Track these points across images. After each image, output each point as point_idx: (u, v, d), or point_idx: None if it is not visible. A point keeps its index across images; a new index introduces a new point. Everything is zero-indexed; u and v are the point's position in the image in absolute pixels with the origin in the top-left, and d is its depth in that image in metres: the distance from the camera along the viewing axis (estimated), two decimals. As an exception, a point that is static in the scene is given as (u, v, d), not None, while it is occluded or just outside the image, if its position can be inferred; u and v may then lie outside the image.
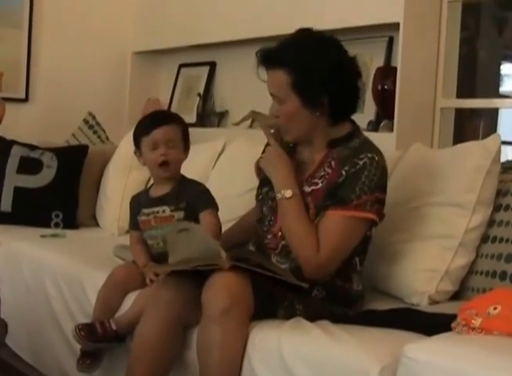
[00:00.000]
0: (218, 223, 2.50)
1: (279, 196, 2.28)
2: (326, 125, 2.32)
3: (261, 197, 2.48)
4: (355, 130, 2.37)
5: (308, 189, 2.31)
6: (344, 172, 2.24)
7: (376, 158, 2.24)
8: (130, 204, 2.69)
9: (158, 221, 2.53)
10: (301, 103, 2.26)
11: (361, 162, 2.22)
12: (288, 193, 2.25)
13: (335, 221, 2.22)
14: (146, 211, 2.57)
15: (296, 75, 2.24)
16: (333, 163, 2.30)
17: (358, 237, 2.26)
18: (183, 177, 2.60)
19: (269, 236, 2.38)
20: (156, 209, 2.54)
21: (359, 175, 2.21)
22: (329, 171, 2.29)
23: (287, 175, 2.29)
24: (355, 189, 2.20)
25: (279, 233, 2.35)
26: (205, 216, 2.49)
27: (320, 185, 2.29)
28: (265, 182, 2.45)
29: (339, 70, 2.26)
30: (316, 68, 2.24)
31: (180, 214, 2.50)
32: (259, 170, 2.50)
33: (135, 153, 2.62)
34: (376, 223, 2.28)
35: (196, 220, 2.49)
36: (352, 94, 2.33)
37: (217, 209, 2.54)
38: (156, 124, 2.53)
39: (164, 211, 2.52)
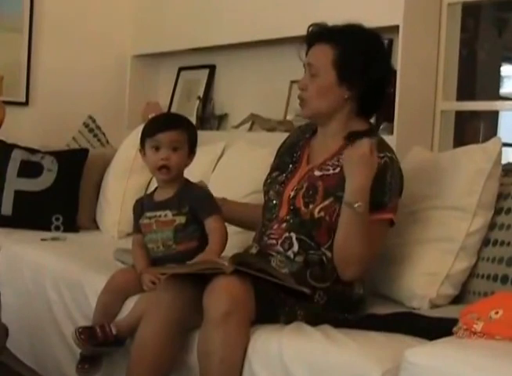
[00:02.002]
0: (223, 228, 2.50)
1: (350, 202, 2.20)
2: (348, 114, 2.38)
3: (269, 181, 2.49)
4: (372, 128, 2.44)
5: (318, 173, 2.35)
6: None
7: (395, 159, 2.31)
8: (133, 206, 2.69)
9: (160, 225, 2.52)
10: (337, 79, 2.34)
11: (381, 161, 2.26)
12: (360, 207, 2.19)
13: (380, 226, 2.29)
14: (148, 214, 2.56)
15: (342, 52, 2.34)
16: None
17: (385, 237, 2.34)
18: (187, 181, 2.59)
19: (274, 226, 2.38)
20: (158, 213, 2.53)
21: (383, 176, 2.26)
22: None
23: (366, 186, 2.21)
24: (384, 191, 2.26)
25: (286, 217, 2.36)
26: (211, 223, 2.48)
27: (331, 171, 2.33)
28: (275, 168, 2.49)
29: (381, 67, 2.37)
30: (361, 51, 2.34)
31: (182, 219, 2.49)
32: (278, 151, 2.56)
33: (140, 151, 2.61)
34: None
35: (199, 224, 2.49)
36: (382, 95, 2.43)
37: (221, 213, 2.54)
38: (162, 128, 2.51)
39: (165, 216, 2.51)
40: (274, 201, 2.42)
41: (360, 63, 2.34)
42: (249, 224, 2.67)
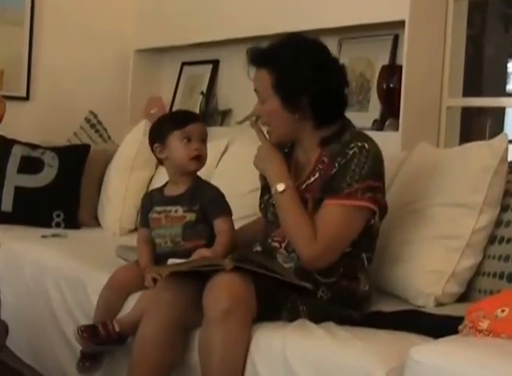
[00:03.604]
0: (232, 230, 2.50)
1: (273, 191, 2.28)
2: (311, 127, 2.33)
3: (263, 205, 2.47)
4: (346, 124, 2.35)
5: (303, 186, 2.31)
6: (336, 164, 2.23)
7: (367, 146, 2.22)
8: (142, 200, 2.70)
9: (169, 220, 2.52)
10: (281, 104, 2.28)
11: (351, 152, 2.22)
12: (280, 186, 2.25)
13: (329, 211, 2.21)
14: (158, 209, 2.56)
15: (277, 76, 2.27)
16: (325, 159, 2.29)
17: (357, 227, 2.23)
18: (198, 178, 2.60)
19: (278, 230, 2.36)
20: (168, 208, 2.53)
21: (349, 164, 2.20)
22: (322, 166, 2.28)
23: (279, 169, 2.30)
24: (345, 178, 2.19)
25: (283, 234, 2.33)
26: (219, 224, 2.48)
27: (312, 179, 2.30)
28: (265, 190, 2.44)
29: (321, 74, 2.27)
30: (296, 71, 2.26)
31: (192, 215, 2.48)
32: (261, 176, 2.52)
33: (156, 147, 2.59)
34: (374, 213, 2.24)
35: (208, 223, 2.49)
36: (336, 100, 2.33)
37: (231, 215, 2.53)
38: (192, 120, 2.57)
39: (176, 211, 2.51)
40: (275, 223, 2.38)
41: (299, 81, 2.26)
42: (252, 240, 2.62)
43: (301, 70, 2.26)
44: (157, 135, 2.58)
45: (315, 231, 2.19)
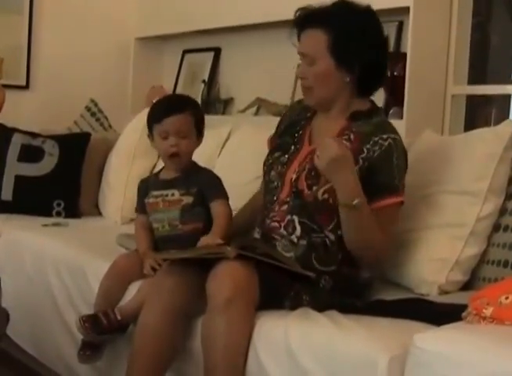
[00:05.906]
0: (229, 213, 2.49)
1: (347, 203, 2.16)
2: (349, 95, 2.34)
3: (270, 161, 2.44)
4: (377, 108, 2.40)
5: None
6: (365, 150, 2.24)
7: (398, 139, 2.27)
8: (138, 186, 2.68)
9: (166, 204, 2.51)
10: (335, 64, 2.28)
11: (386, 143, 2.24)
12: (358, 202, 2.14)
13: (392, 209, 2.25)
14: (154, 193, 2.55)
15: (335, 36, 2.27)
16: (352, 136, 2.29)
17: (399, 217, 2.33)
18: (195, 163, 2.58)
19: (276, 208, 2.35)
20: (165, 192, 2.52)
21: (390, 158, 2.23)
22: (348, 144, 2.26)
23: (353, 181, 2.16)
24: (393, 174, 2.23)
25: (287, 199, 2.32)
26: (216, 206, 2.47)
27: None
28: (277, 149, 2.44)
29: (376, 42, 2.32)
30: (356, 33, 2.27)
31: (189, 198, 2.48)
32: (272, 141, 2.52)
33: (148, 136, 2.59)
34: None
35: (205, 206, 2.48)
36: (381, 71, 2.38)
37: (227, 198, 2.52)
38: (168, 113, 2.48)
39: (173, 195, 2.50)
40: (275, 183, 2.38)
41: (356, 44, 2.27)
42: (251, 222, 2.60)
43: (360, 34, 2.28)
44: (148, 125, 2.57)
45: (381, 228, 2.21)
